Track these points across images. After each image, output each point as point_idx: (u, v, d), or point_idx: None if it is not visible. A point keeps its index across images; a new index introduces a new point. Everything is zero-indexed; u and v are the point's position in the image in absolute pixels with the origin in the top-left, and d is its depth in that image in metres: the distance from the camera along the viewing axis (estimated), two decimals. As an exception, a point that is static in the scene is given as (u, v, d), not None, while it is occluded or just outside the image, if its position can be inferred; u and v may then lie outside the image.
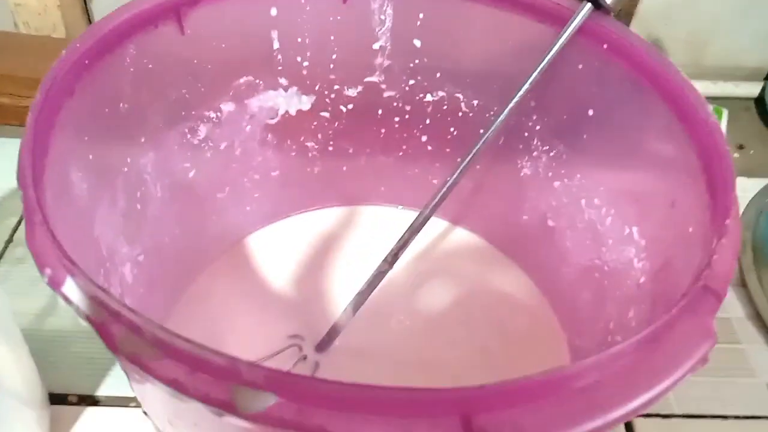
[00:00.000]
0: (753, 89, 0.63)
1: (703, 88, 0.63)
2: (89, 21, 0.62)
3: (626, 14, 0.56)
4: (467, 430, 0.15)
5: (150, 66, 0.28)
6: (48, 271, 0.17)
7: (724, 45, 0.63)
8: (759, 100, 0.64)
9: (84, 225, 0.25)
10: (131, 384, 0.24)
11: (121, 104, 0.28)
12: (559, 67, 0.30)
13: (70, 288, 0.17)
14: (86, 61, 0.25)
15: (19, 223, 0.44)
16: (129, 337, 0.16)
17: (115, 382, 0.36)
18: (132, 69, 0.28)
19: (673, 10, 0.60)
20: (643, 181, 0.28)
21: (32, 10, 0.58)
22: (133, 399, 0.35)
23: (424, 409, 0.15)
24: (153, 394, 0.21)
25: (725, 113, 0.60)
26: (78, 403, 0.34)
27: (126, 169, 0.29)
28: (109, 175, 0.27)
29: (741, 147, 0.59)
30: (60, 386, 0.35)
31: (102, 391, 0.35)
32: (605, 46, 0.28)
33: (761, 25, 0.61)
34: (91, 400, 0.34)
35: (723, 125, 0.59)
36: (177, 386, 0.15)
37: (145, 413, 0.32)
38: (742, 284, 0.42)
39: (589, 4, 0.28)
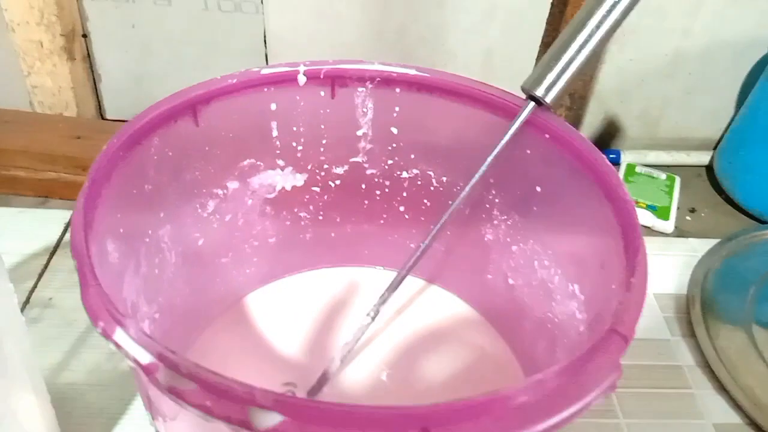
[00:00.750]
0: (703, 158, 0.70)
1: (658, 157, 0.69)
2: (98, 100, 0.68)
3: (580, 97, 0.63)
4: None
5: (170, 153, 0.34)
6: (101, 323, 0.22)
7: (675, 119, 0.70)
8: (709, 168, 0.70)
9: (116, 288, 0.30)
10: (155, 422, 0.28)
11: (146, 186, 0.33)
12: (512, 151, 0.36)
13: (120, 336, 0.22)
14: (121, 153, 0.30)
15: (35, 286, 0.48)
16: (169, 373, 0.21)
17: (125, 430, 0.39)
18: (155, 157, 0.33)
19: (627, 89, 0.68)
20: (581, 246, 0.33)
21: (47, 91, 0.64)
22: (142, 446, 0.38)
23: (395, 422, 0.20)
24: (181, 424, 0.25)
25: (678, 180, 0.66)
26: (91, 451, 0.38)
27: (147, 240, 0.34)
28: (135, 245, 0.33)
29: (693, 210, 0.65)
30: (75, 435, 0.38)
31: (113, 439, 0.39)
32: (547, 135, 0.34)
33: (707, 102, 0.69)
34: (103, 448, 0.38)
35: (676, 191, 0.65)
36: (206, 410, 0.20)
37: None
38: (692, 335, 0.47)
39: (533, 103, 0.34)
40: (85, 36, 0.63)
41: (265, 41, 0.64)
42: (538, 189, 0.36)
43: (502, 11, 0.61)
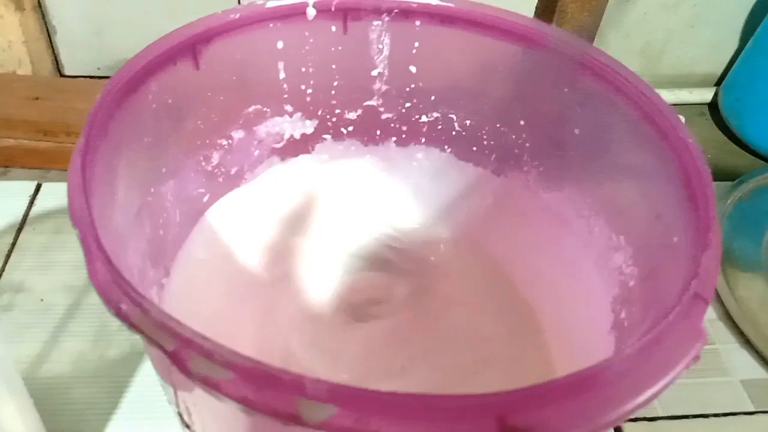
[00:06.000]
0: (706, 95, 0.67)
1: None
2: (54, 55, 0.61)
3: (590, 33, 0.59)
4: (502, 429, 0.17)
5: (169, 100, 0.30)
6: (116, 305, 0.19)
7: (676, 55, 0.66)
8: (712, 105, 0.67)
9: (121, 255, 0.26)
10: (182, 416, 0.25)
11: (145, 138, 0.29)
12: (546, 89, 0.32)
13: (140, 319, 0.19)
14: (117, 102, 0.26)
15: (2, 269, 0.43)
16: (201, 361, 0.18)
17: (120, 426, 0.36)
18: (154, 105, 0.29)
19: (627, 25, 0.63)
20: (629, 194, 0.30)
21: (-4, 46, 0.57)
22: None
23: (466, 412, 0.17)
24: (217, 417, 0.23)
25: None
26: (83, 450, 0.34)
27: (150, 199, 0.30)
28: (137, 206, 0.29)
29: (699, 151, 0.62)
30: (63, 434, 0.35)
31: (107, 436, 0.35)
32: (588, 72, 0.31)
33: (709, 35, 0.65)
34: (96, 446, 0.34)
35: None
36: (247, 403, 0.17)
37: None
38: (711, 286, 0.45)
39: None
40: (33, -18, 0.56)
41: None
42: (577, 132, 0.33)
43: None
